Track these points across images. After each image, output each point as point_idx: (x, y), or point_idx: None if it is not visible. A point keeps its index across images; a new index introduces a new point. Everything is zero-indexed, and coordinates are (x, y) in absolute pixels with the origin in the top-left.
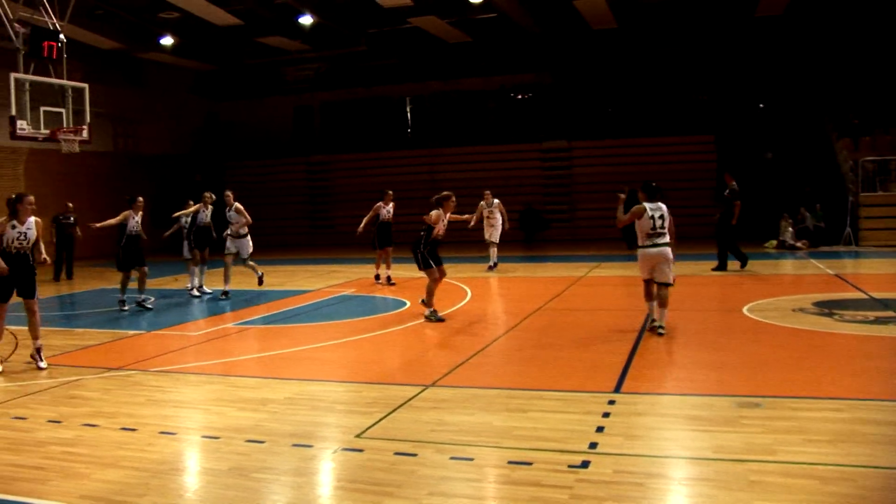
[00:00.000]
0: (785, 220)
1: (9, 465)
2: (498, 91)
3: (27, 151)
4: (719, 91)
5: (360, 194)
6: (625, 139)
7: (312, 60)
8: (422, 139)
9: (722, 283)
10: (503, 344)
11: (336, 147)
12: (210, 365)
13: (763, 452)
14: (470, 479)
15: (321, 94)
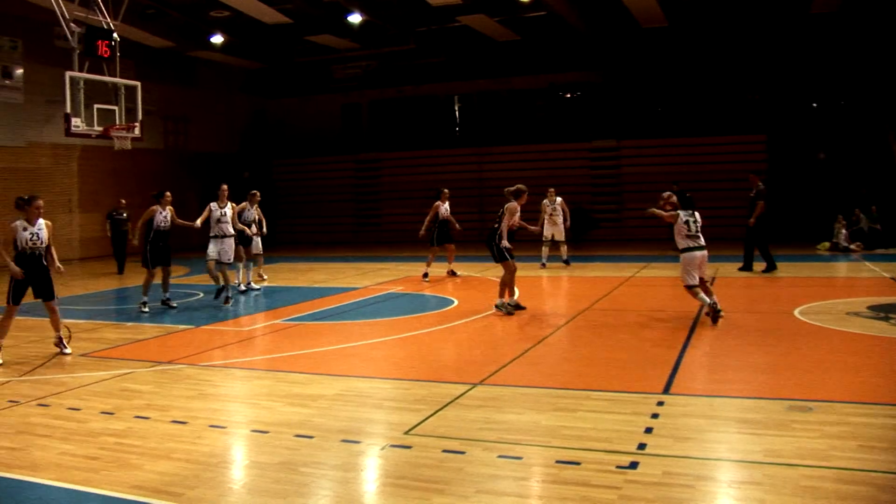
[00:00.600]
0: (839, 222)
1: (64, 453)
2: (546, 90)
3: (80, 148)
4: (771, 90)
5: (407, 192)
6: (674, 138)
7: (361, 58)
8: (470, 138)
9: (772, 284)
10: (551, 343)
11: (384, 145)
12: (259, 360)
13: (816, 458)
14: (518, 478)
15: (369, 92)
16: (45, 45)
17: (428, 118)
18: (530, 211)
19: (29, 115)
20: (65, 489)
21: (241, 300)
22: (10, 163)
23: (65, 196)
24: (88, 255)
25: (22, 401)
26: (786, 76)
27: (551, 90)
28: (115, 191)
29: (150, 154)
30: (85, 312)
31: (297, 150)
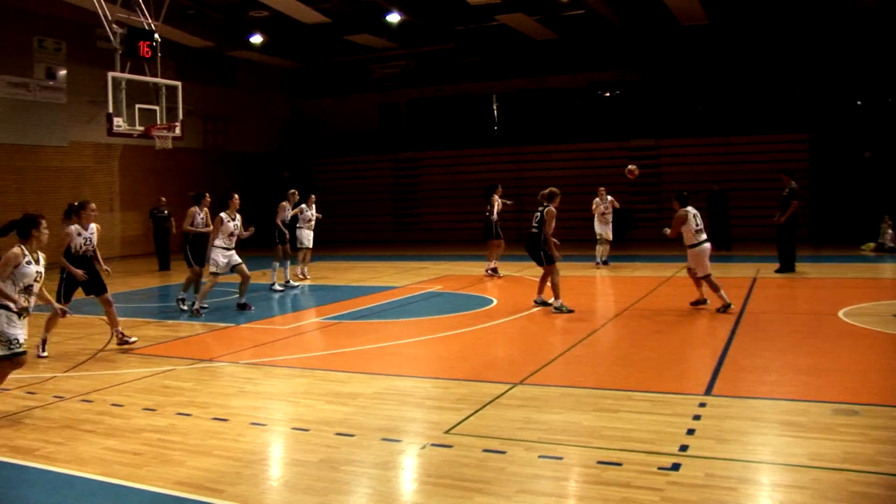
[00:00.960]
0: (885, 223)
1: (108, 449)
2: (585, 88)
3: (121, 148)
4: (814, 87)
5: (445, 191)
6: (714, 137)
7: (399, 58)
8: (508, 137)
9: (816, 285)
10: (591, 343)
11: (422, 144)
12: (299, 359)
13: (864, 462)
14: (559, 478)
15: (408, 92)
16: (87, 47)
17: (466, 117)
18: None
19: (72, 115)
20: (109, 484)
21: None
22: (54, 162)
23: (106, 195)
24: (129, 254)
25: (66, 396)
26: (829, 73)
27: (589, 89)
28: (155, 190)
29: (190, 153)
30: (127, 310)
31: (336, 150)
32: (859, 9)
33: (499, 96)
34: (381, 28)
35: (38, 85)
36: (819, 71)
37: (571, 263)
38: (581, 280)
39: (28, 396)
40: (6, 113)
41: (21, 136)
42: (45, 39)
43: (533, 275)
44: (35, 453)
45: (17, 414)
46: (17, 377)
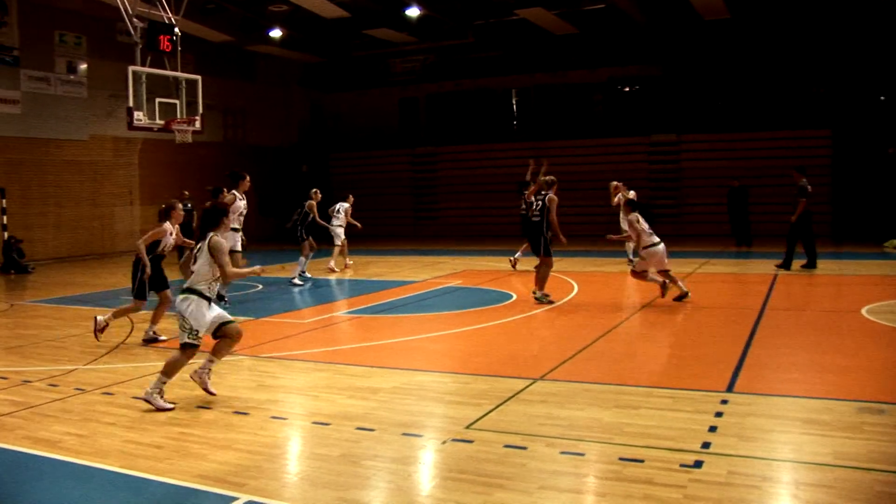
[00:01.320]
0: None
1: (129, 441)
2: (605, 83)
3: (141, 142)
4: (837, 83)
5: (464, 186)
6: (736, 133)
7: (419, 52)
8: (527, 132)
9: (838, 282)
10: (611, 339)
11: (441, 139)
12: (319, 353)
13: (890, 462)
14: (581, 475)
15: (427, 86)
16: (107, 41)
17: (485, 112)
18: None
19: (92, 109)
20: (131, 476)
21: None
22: (74, 156)
23: (126, 189)
24: None
25: (87, 389)
26: (852, 68)
27: (610, 83)
28: (174, 184)
29: (209, 147)
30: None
31: (355, 144)
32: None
33: (518, 91)
34: (401, 22)
35: (58, 79)
36: (842, 66)
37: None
38: (600, 276)
39: (50, 389)
40: (28, 107)
41: (42, 130)
42: (66, 34)
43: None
44: (57, 445)
45: (39, 406)
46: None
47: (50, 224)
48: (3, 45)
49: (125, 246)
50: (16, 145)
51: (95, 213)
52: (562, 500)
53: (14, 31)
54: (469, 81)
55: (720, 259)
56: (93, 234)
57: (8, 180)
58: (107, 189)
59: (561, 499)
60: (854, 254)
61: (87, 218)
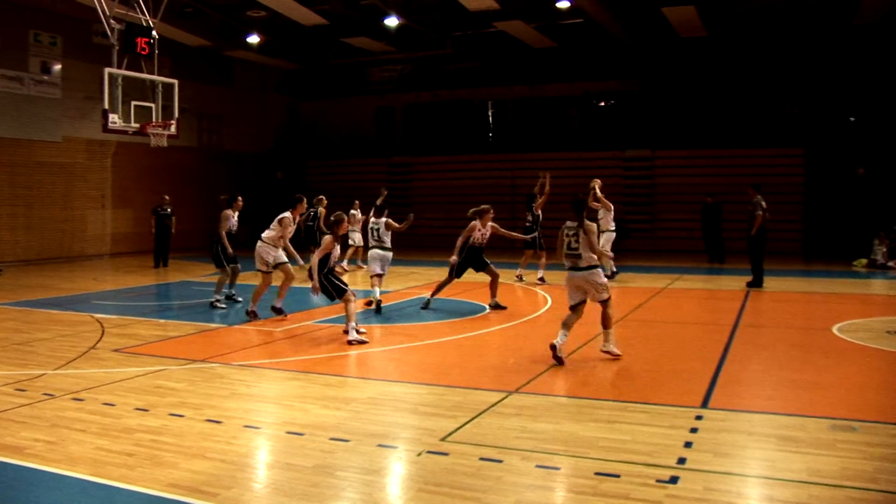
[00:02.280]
0: (879, 239)
1: (100, 449)
2: (581, 97)
3: (115, 145)
4: (810, 103)
5: (439, 197)
6: (710, 150)
7: (396, 62)
8: (503, 144)
9: (809, 300)
10: (585, 353)
11: (417, 149)
12: (292, 361)
13: (863, 479)
14: (556, 489)
15: (404, 96)
16: (83, 42)
17: (461, 123)
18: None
19: (66, 110)
20: (101, 484)
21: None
22: (47, 157)
23: (98, 192)
24: (119, 251)
25: (56, 394)
26: (825, 89)
27: (586, 98)
28: (148, 187)
29: (185, 152)
30: (117, 308)
31: (331, 152)
32: (854, 25)
33: (495, 103)
34: (380, 32)
35: (32, 79)
36: (815, 86)
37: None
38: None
39: (17, 393)
40: (0, 106)
41: (15, 131)
42: (41, 34)
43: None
44: (24, 451)
45: (6, 411)
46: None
47: (20, 225)
48: None
49: (96, 249)
50: None
51: (66, 216)
52: None
53: None
54: (446, 92)
55: (693, 275)
56: (63, 236)
57: None
58: (79, 191)
59: None
60: (824, 272)
61: (57, 220)
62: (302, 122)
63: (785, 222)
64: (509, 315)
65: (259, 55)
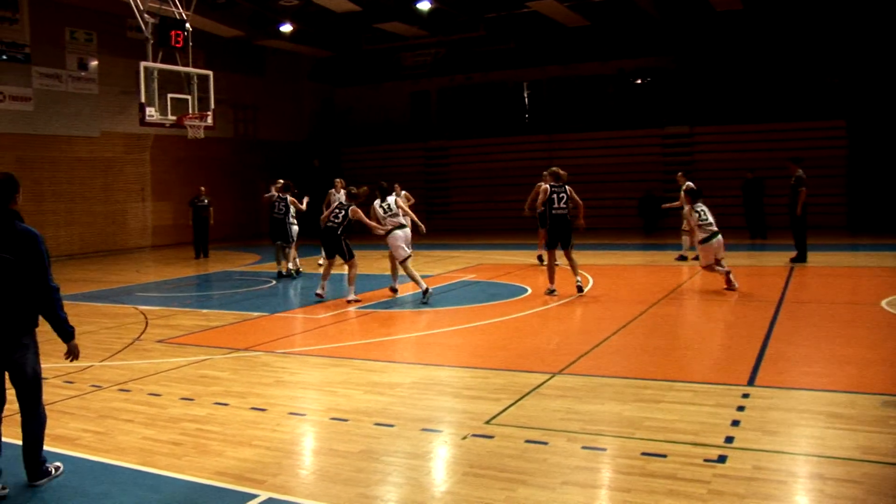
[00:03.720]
0: None
1: (147, 438)
2: (617, 75)
3: (152, 138)
4: (851, 73)
5: (476, 180)
6: (749, 125)
7: (430, 46)
8: (539, 125)
9: (855, 274)
10: (629, 332)
11: (453, 133)
12: (335, 348)
13: None
14: (603, 470)
15: (438, 80)
16: (118, 38)
17: (497, 105)
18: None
19: (103, 105)
20: (149, 473)
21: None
22: (86, 153)
23: (137, 185)
24: (160, 244)
25: (104, 386)
26: (867, 58)
27: (621, 76)
28: (185, 179)
29: (220, 142)
30: (160, 299)
31: (366, 139)
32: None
33: (530, 84)
34: (412, 16)
35: (70, 76)
36: (856, 56)
37: (611, 252)
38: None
39: (66, 385)
40: (39, 104)
41: (54, 127)
42: (77, 31)
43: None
44: (75, 442)
45: (56, 403)
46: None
47: (62, 221)
48: (15, 42)
49: (137, 242)
50: (28, 142)
51: (107, 210)
52: (585, 495)
53: (25, 28)
54: (480, 75)
55: (735, 252)
56: (104, 230)
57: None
58: (118, 185)
59: (584, 494)
60: (871, 246)
61: (98, 214)
62: (336, 109)
63: (828, 196)
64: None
65: (292, 44)
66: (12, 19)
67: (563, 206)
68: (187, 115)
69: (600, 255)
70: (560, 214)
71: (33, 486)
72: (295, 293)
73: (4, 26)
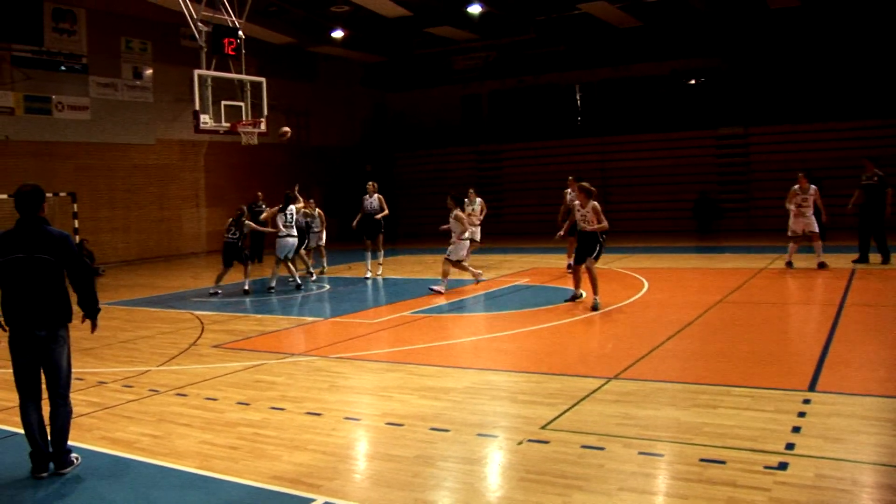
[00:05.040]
0: None
1: (204, 442)
2: (669, 76)
3: (206, 144)
4: None
5: (529, 183)
6: (805, 125)
7: (481, 49)
8: (592, 127)
9: None
10: (685, 337)
11: (505, 136)
12: (389, 353)
13: None
14: (661, 476)
15: (489, 83)
16: (171, 46)
17: (549, 108)
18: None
19: (158, 113)
20: (207, 477)
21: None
22: (142, 160)
23: (192, 191)
24: (215, 249)
25: (161, 390)
26: None
27: (674, 76)
28: (240, 185)
29: (273, 148)
30: (215, 304)
31: (418, 143)
32: None
33: (582, 86)
34: (463, 20)
35: (125, 85)
36: None
37: (666, 255)
38: (669, 272)
39: (125, 390)
40: (96, 112)
41: (111, 136)
42: (132, 40)
43: (620, 266)
44: (133, 446)
45: (115, 407)
46: (113, 370)
47: (119, 227)
48: (73, 53)
49: (192, 248)
50: (85, 150)
51: (163, 216)
52: (642, 501)
53: (83, 39)
54: (531, 77)
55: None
56: (160, 236)
57: (78, 184)
58: (173, 192)
59: (641, 500)
60: None
61: (154, 221)
62: (388, 113)
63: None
64: (604, 301)
65: (343, 49)
66: (70, 31)
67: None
68: (241, 122)
69: (655, 258)
70: (580, 230)
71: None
72: (351, 298)
73: (63, 38)
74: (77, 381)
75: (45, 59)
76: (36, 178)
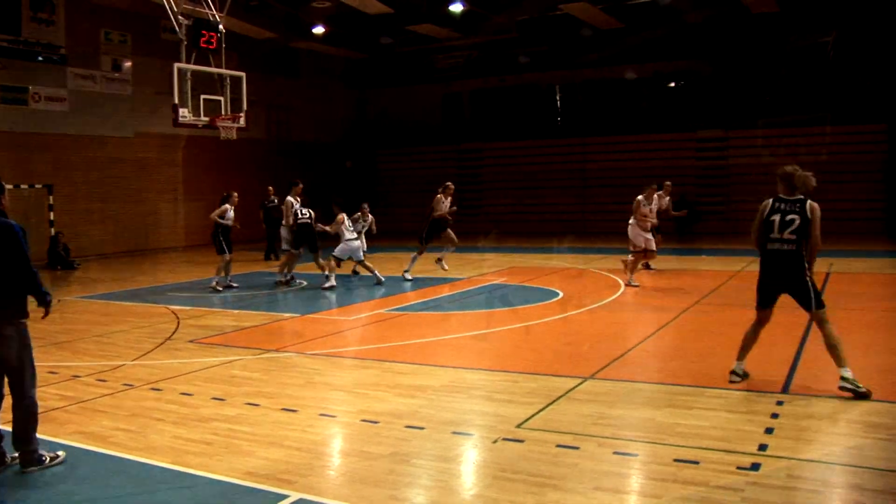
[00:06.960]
0: None
1: (178, 437)
2: (651, 78)
3: (185, 139)
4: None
5: (509, 182)
6: (785, 128)
7: (462, 48)
8: (572, 128)
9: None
10: (661, 338)
11: (485, 135)
12: (365, 350)
13: None
14: (635, 476)
15: (471, 82)
16: (151, 39)
17: (530, 108)
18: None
19: (137, 106)
20: (181, 472)
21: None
22: (120, 153)
23: (170, 185)
24: (193, 244)
25: (136, 384)
26: None
27: (656, 79)
28: (218, 180)
29: (253, 144)
30: (192, 299)
31: (399, 140)
32: None
33: (563, 87)
34: (445, 18)
35: (104, 77)
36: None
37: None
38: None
39: (99, 384)
40: (74, 104)
41: (89, 128)
42: (112, 32)
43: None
44: (107, 440)
45: (89, 401)
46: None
47: (95, 220)
48: (51, 43)
49: (170, 242)
50: (63, 142)
51: (140, 210)
52: (616, 501)
53: (61, 29)
54: (513, 77)
55: None
56: (138, 230)
57: (55, 177)
58: (152, 186)
59: (615, 500)
60: None
61: (132, 214)
62: (369, 111)
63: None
64: (581, 301)
65: (325, 45)
66: (49, 21)
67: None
68: (220, 116)
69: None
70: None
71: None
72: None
73: (41, 28)
74: (51, 374)
75: (23, 48)
76: (11, 169)
